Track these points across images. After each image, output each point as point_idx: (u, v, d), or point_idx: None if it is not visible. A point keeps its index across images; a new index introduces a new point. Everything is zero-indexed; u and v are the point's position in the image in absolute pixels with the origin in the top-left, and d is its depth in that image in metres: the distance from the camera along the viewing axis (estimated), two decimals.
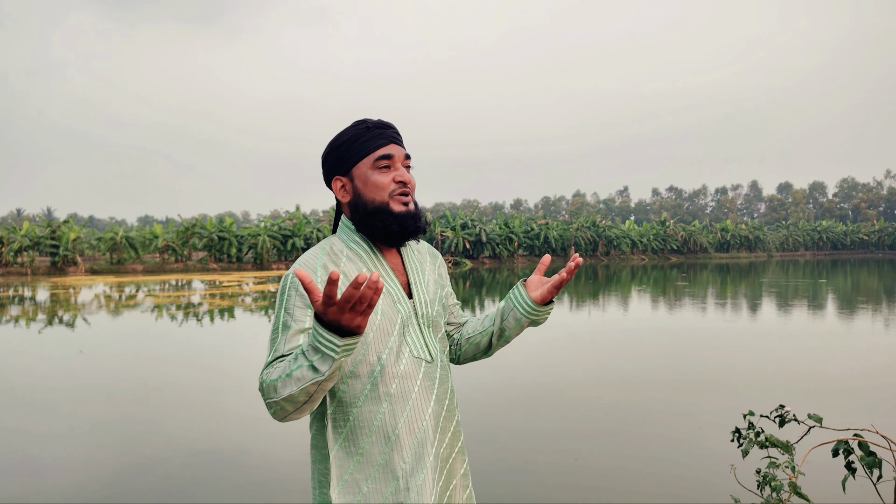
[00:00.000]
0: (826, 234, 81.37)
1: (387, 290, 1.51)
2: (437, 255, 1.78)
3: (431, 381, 1.52)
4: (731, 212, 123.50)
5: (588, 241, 58.20)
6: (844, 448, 2.61)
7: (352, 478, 1.44)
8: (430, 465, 1.47)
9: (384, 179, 1.52)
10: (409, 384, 1.48)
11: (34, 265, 37.51)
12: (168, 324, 13.33)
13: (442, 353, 1.60)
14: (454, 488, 1.58)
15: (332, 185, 1.58)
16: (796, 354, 9.28)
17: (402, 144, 1.58)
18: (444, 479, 1.55)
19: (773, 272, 35.05)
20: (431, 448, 1.48)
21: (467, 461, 1.66)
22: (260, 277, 31.29)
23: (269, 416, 5.85)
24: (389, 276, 1.55)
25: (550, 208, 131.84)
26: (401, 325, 1.51)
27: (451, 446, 1.58)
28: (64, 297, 20.77)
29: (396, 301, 1.52)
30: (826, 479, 3.79)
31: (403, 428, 1.45)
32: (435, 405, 1.52)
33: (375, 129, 1.55)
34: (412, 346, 1.51)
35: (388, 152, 1.53)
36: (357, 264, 1.53)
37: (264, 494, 4.17)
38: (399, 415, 1.46)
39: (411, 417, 1.46)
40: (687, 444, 5.10)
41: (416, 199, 1.60)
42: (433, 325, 1.59)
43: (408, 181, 1.54)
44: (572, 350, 9.65)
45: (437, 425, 1.51)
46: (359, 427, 1.45)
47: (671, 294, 20.62)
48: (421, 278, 1.62)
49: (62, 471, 4.66)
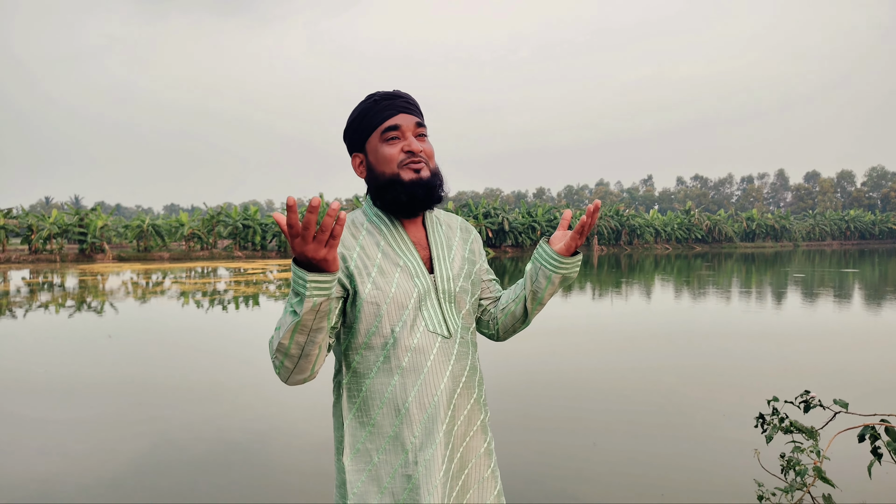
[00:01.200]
0: (854, 223, 79.62)
1: (404, 263, 1.51)
2: (470, 230, 1.73)
3: (447, 356, 1.50)
4: (757, 201, 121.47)
5: (611, 230, 57.70)
6: (871, 433, 2.60)
7: (364, 447, 1.47)
8: (441, 441, 1.45)
9: (392, 151, 1.50)
10: (422, 358, 1.47)
11: (63, 252, 38.27)
12: (194, 310, 13.56)
13: (465, 330, 1.57)
14: (474, 466, 1.56)
15: (352, 162, 1.60)
16: (822, 343, 9.16)
17: (413, 112, 1.55)
18: (461, 455, 1.53)
19: (798, 262, 34.48)
20: (442, 425, 1.46)
21: (491, 440, 1.62)
22: (284, 265, 31.59)
23: (291, 402, 5.96)
24: (409, 250, 1.53)
25: (573, 197, 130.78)
26: (417, 299, 1.49)
27: (467, 424, 1.54)
28: (92, 283, 21.19)
29: (414, 275, 1.51)
30: (851, 464, 3.77)
31: (414, 402, 1.45)
32: (449, 381, 1.50)
33: (383, 100, 1.53)
34: (428, 321, 1.49)
35: (395, 123, 1.51)
36: (376, 237, 1.52)
37: (290, 481, 4.26)
38: (410, 388, 1.45)
39: (422, 392, 1.45)
40: (709, 431, 5.09)
41: (434, 167, 1.55)
42: (455, 301, 1.56)
43: (416, 150, 1.50)
44: (591, 338, 9.63)
45: (451, 402, 1.49)
46: (371, 398, 1.47)
47: (695, 283, 20.41)
48: (445, 253, 1.59)
49: (89, 456, 4.79)
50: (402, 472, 1.44)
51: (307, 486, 4.06)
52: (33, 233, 37.34)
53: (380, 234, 1.53)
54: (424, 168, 1.51)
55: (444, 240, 1.62)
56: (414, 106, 1.56)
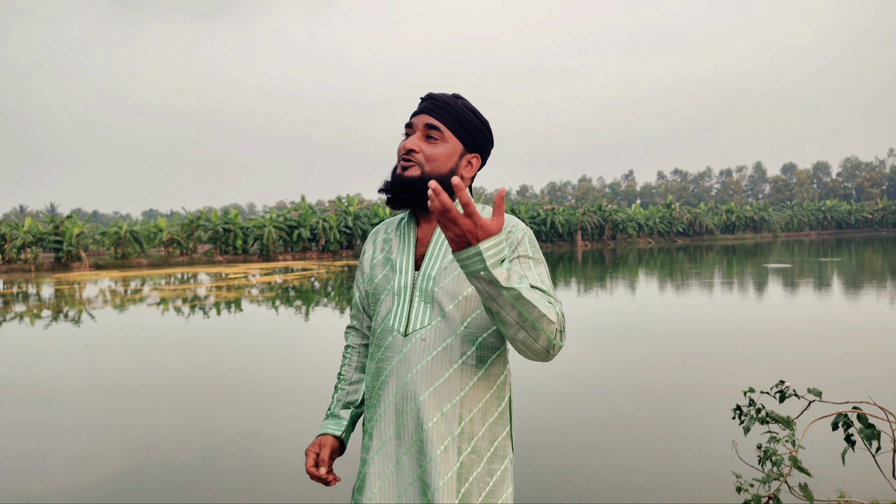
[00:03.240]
0: (830, 213, 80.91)
1: (395, 259, 1.58)
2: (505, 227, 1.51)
3: (396, 352, 1.49)
4: (735, 193, 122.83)
5: (594, 225, 57.98)
6: (844, 421, 2.61)
7: (371, 427, 1.55)
8: (391, 439, 1.49)
9: (400, 145, 1.57)
10: (390, 353, 1.52)
11: (38, 261, 37.58)
12: (174, 317, 13.39)
13: (435, 331, 1.46)
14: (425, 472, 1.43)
15: None
16: (798, 332, 9.27)
17: (433, 113, 1.54)
18: (406, 458, 1.46)
19: (778, 252, 34.92)
20: (391, 425, 1.49)
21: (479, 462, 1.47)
22: (266, 269, 31.36)
23: (279, 407, 5.89)
24: (406, 247, 1.59)
25: (556, 193, 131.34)
26: (390, 294, 1.55)
27: (413, 426, 1.45)
28: (69, 292, 20.87)
29: (397, 271, 1.56)
30: (826, 452, 3.80)
31: (373, 393, 1.55)
32: (417, 380, 1.45)
33: (421, 100, 1.60)
34: (392, 316, 1.53)
35: (410, 122, 1.57)
36: (391, 234, 1.64)
37: (281, 484, 4.20)
38: (375, 379, 1.55)
39: (377, 385, 1.53)
40: (688, 423, 5.11)
41: (430, 169, 1.52)
42: (433, 301, 1.48)
43: (409, 148, 1.53)
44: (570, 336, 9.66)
45: (392, 400, 1.48)
46: (368, 382, 1.60)
47: (678, 277, 20.59)
48: (438, 252, 1.54)
49: (70, 466, 4.70)
50: (371, 456, 1.51)
51: (298, 488, 4.01)
52: (7, 242, 36.65)
53: (397, 229, 1.63)
54: (414, 167, 1.51)
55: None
56: (440, 108, 1.54)
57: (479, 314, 1.49)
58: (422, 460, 1.43)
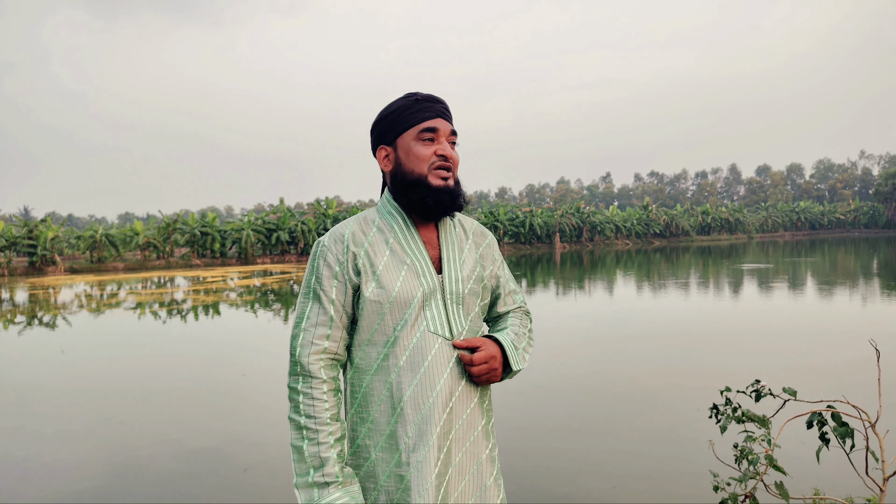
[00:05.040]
0: (804, 214, 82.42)
1: (412, 261, 1.51)
2: (485, 234, 1.70)
3: (447, 358, 1.48)
4: (711, 195, 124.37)
5: (573, 227, 58.38)
6: (818, 420, 2.67)
7: (363, 443, 1.48)
8: (434, 443, 1.43)
9: (426, 151, 1.51)
10: (419, 358, 1.46)
11: (11, 266, 36.85)
12: (151, 321, 13.22)
13: (471, 333, 1.55)
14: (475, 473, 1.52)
15: (377, 154, 1.60)
16: (773, 332, 9.42)
17: (449, 120, 1.56)
18: (459, 461, 1.49)
19: (753, 253, 35.46)
20: (436, 427, 1.44)
21: (494, 446, 1.59)
22: (245, 272, 31.08)
23: (262, 409, 5.85)
24: (418, 249, 1.53)
25: (535, 196, 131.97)
26: (421, 299, 1.48)
27: (467, 428, 1.51)
28: (43, 297, 20.49)
29: (420, 275, 1.50)
30: (801, 451, 3.88)
31: (409, 401, 1.45)
32: (447, 383, 1.47)
33: (424, 101, 1.54)
34: (430, 321, 1.48)
35: (434, 125, 1.52)
36: (385, 235, 1.53)
37: (261, 492, 4.18)
38: (406, 388, 1.45)
39: (417, 392, 1.45)
40: (665, 423, 5.17)
41: (457, 177, 1.57)
42: (463, 303, 1.54)
43: (449, 156, 1.52)
44: (550, 337, 9.72)
45: (447, 404, 1.46)
46: (370, 394, 1.48)
47: (655, 278, 20.81)
48: (456, 254, 1.57)
49: (53, 472, 4.63)
50: (396, 471, 1.44)
51: (278, 488, 3.98)
52: None
53: (390, 231, 1.54)
54: (451, 176, 1.53)
55: (455, 241, 1.61)
56: (450, 114, 1.58)
57: (479, 311, 1.62)
58: (473, 462, 1.53)
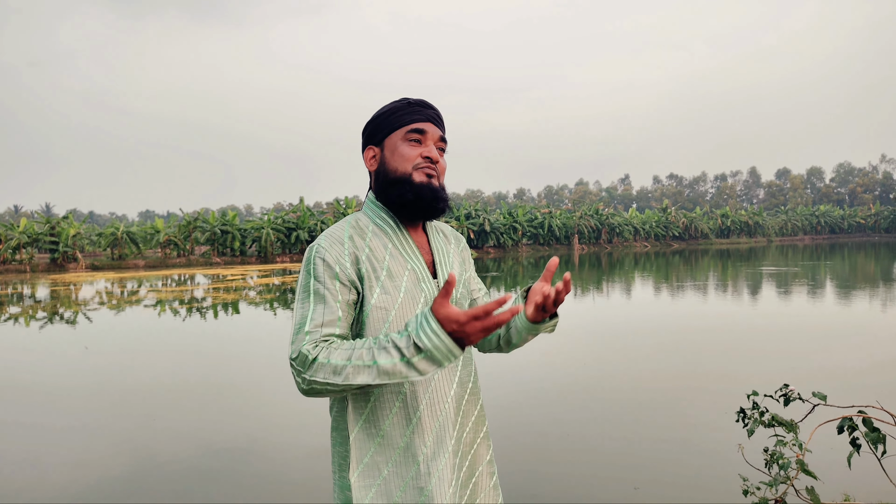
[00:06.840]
0: (824, 218, 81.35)
1: (412, 267, 1.50)
2: (460, 238, 1.75)
3: (453, 363, 1.44)
4: (730, 198, 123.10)
5: (591, 229, 58.12)
6: (849, 425, 2.65)
7: (372, 460, 1.41)
8: (451, 448, 1.44)
9: (411, 152, 1.51)
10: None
11: (33, 262, 37.42)
12: (172, 319, 13.37)
13: None
14: (480, 475, 1.55)
15: (364, 154, 1.59)
16: (800, 337, 9.32)
17: (439, 126, 1.57)
18: (469, 464, 1.52)
19: (772, 257, 35.04)
20: (453, 431, 1.45)
21: (492, 448, 1.64)
22: (264, 271, 31.30)
23: (278, 408, 5.91)
24: (415, 254, 1.53)
25: (553, 197, 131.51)
26: (423, 305, 1.48)
27: (475, 431, 1.55)
28: (64, 293, 20.80)
29: (421, 280, 1.50)
30: (832, 456, 3.84)
31: (425, 410, 1.42)
32: (458, 388, 1.50)
33: (416, 105, 1.55)
34: None
35: (422, 128, 1.52)
36: (383, 240, 1.51)
37: (282, 489, 4.22)
38: (421, 397, 1.42)
39: (433, 399, 1.43)
40: (694, 427, 5.14)
41: (443, 183, 1.56)
42: (458, 307, 1.53)
43: (435, 158, 1.52)
44: (571, 337, 9.69)
45: (460, 408, 1.49)
46: (380, 408, 1.42)
47: (673, 280, 20.64)
48: (446, 259, 1.60)
49: (71, 468, 4.70)
50: (414, 483, 1.40)
51: (300, 494, 4.02)
52: (1, 243, 36.52)
53: (386, 236, 1.52)
54: (436, 178, 1.53)
55: (443, 245, 1.64)
56: (441, 121, 1.58)
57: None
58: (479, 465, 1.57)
